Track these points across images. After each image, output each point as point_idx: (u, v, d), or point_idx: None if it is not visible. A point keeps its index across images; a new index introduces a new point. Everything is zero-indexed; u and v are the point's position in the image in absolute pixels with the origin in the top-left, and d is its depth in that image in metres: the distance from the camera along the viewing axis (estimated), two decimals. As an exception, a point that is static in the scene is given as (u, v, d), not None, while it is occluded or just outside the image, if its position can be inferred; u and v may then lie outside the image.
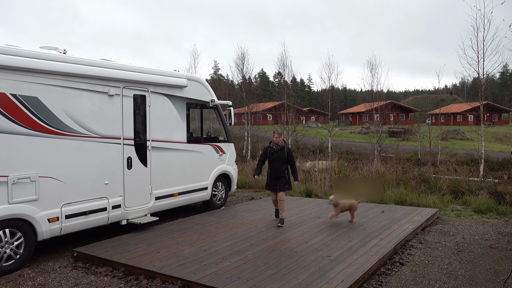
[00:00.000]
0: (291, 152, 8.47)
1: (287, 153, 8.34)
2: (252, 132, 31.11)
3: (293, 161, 8.47)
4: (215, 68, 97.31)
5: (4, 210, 5.91)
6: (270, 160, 8.40)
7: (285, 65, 30.47)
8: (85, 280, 5.72)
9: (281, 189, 8.30)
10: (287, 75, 31.96)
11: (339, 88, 43.78)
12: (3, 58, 5.89)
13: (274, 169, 8.34)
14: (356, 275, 5.43)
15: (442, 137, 28.34)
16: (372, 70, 27.16)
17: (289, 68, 32.25)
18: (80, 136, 6.98)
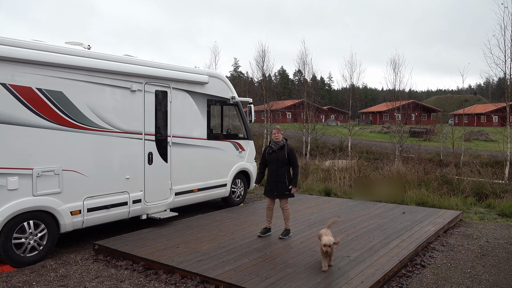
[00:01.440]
0: (293, 153, 7.14)
1: (287, 154, 7.05)
2: (271, 130, 31.04)
3: (295, 163, 7.12)
4: (235, 65, 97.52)
5: (29, 202, 6.04)
6: (268, 161, 7.19)
7: (305, 63, 30.30)
8: (106, 273, 5.80)
9: (279, 195, 7.10)
10: (307, 73, 31.78)
11: (359, 87, 43.23)
12: (30, 53, 6.01)
13: (272, 172, 7.12)
14: (376, 276, 5.35)
15: (465, 138, 27.74)
16: (395, 69, 26.77)
17: (309, 65, 32.00)
18: (102, 130, 7.07)
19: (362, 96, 79.00)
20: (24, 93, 6.01)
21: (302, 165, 18.17)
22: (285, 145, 7.14)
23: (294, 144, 32.04)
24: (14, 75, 5.90)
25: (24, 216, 6.02)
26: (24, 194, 6.00)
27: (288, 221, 7.29)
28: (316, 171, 16.49)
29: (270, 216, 7.38)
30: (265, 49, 32.23)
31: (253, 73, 52.40)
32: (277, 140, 7.14)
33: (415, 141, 28.85)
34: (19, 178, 5.94)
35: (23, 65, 5.99)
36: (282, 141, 7.16)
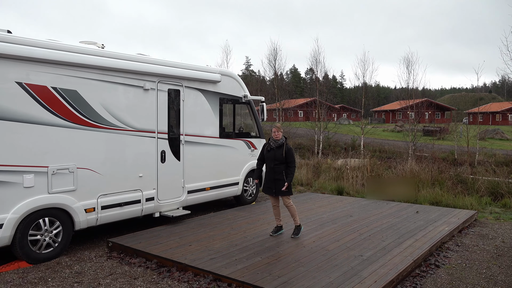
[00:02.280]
0: (291, 152, 7.10)
1: (285, 153, 7.03)
2: (283, 128, 31.01)
3: (292, 162, 7.07)
4: (247, 64, 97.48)
5: (44, 199, 6.12)
6: (266, 158, 7.24)
7: (318, 61, 30.18)
8: (120, 270, 5.86)
9: (278, 193, 7.11)
10: (319, 71, 31.65)
11: (372, 85, 42.83)
12: (46, 52, 6.08)
13: (269, 169, 7.17)
14: (390, 276, 5.31)
15: (480, 137, 27.35)
16: (409, 67, 26.50)
17: (322, 64, 31.90)
18: (116, 129, 7.13)
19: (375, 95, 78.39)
20: (39, 92, 6.09)
21: (314, 164, 18.11)
22: (283, 144, 7.11)
23: (306, 142, 31.98)
24: (30, 74, 5.98)
25: (39, 213, 6.11)
26: (40, 191, 6.09)
27: (295, 217, 7.23)
28: (328, 169, 16.42)
29: (278, 214, 7.39)
30: (276, 47, 32.17)
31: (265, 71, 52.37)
32: (276, 139, 7.14)
33: (428, 140, 28.52)
34: (34, 175, 6.02)
35: (39, 64, 6.06)
36: (281, 139, 7.14)
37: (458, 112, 65.54)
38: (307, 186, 14.30)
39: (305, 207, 9.70)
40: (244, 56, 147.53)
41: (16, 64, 5.82)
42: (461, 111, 64.87)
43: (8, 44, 5.69)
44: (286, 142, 7.18)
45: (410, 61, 26.67)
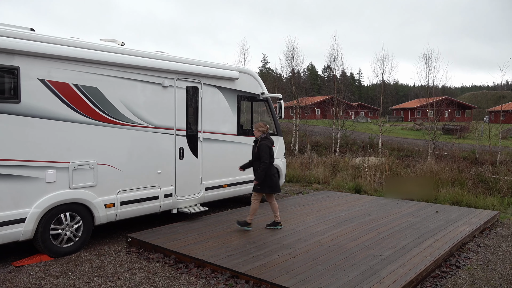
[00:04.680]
0: (263, 147, 7.18)
1: (257, 148, 7.25)
2: (300, 126, 30.88)
3: (264, 157, 7.15)
4: (264, 61, 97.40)
5: (66, 194, 6.23)
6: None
7: (336, 59, 29.93)
8: (138, 265, 5.92)
9: (253, 188, 7.40)
10: (337, 68, 31.40)
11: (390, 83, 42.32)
12: (67, 49, 6.18)
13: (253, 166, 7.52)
14: (409, 276, 5.24)
15: (502, 136, 26.74)
16: (429, 64, 26.06)
17: (340, 61, 31.65)
18: (136, 126, 7.21)
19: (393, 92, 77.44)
20: (61, 89, 6.19)
21: (331, 162, 17.98)
22: (258, 140, 7.32)
23: (323, 140, 31.79)
24: (52, 71, 6.09)
25: (61, 208, 6.23)
26: (61, 186, 6.20)
27: (251, 215, 7.36)
28: (345, 168, 16.29)
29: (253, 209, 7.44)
30: (294, 44, 31.99)
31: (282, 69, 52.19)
32: (256, 136, 7.39)
33: (448, 139, 28.04)
34: (56, 171, 6.14)
35: (61, 61, 6.16)
36: (260, 137, 7.32)
37: (479, 110, 64.24)
38: (324, 184, 14.22)
39: (322, 205, 9.64)
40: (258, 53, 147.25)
41: (39, 61, 5.93)
42: (482, 109, 63.55)
43: (32, 42, 5.80)
44: (261, 140, 7.30)
45: (430, 58, 26.18)
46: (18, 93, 5.72)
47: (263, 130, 7.36)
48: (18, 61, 5.71)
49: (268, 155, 7.21)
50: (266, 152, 7.20)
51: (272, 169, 7.40)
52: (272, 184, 7.34)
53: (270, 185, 7.32)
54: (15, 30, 5.74)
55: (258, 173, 7.21)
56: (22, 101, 5.75)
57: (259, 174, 7.19)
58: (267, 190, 7.34)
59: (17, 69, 5.70)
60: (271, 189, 7.35)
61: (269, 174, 7.30)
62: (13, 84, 5.69)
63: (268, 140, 7.32)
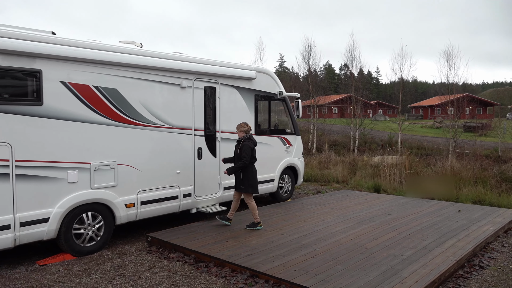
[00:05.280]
0: (245, 147, 7.26)
1: (240, 148, 7.34)
2: (317, 125, 30.73)
3: (244, 157, 7.22)
4: (280, 61, 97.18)
5: (87, 195, 6.34)
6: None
7: (353, 57, 29.68)
8: (159, 264, 5.98)
9: (236, 188, 7.49)
10: (354, 67, 31.12)
11: (409, 80, 41.69)
12: (88, 52, 6.27)
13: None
14: (432, 276, 5.15)
15: (526, 133, 26.08)
16: (449, 61, 25.60)
17: (357, 59, 31.35)
18: (155, 126, 7.28)
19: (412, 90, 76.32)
20: (82, 91, 6.29)
21: (349, 161, 17.83)
22: (241, 141, 7.38)
23: (341, 139, 31.56)
24: (73, 73, 6.19)
25: (83, 208, 6.33)
26: (83, 187, 6.31)
27: (253, 214, 7.46)
28: (364, 167, 16.13)
29: (233, 207, 7.66)
30: (311, 43, 31.87)
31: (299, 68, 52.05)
32: (239, 136, 7.48)
33: (470, 136, 27.51)
34: (78, 171, 6.24)
35: (81, 64, 6.27)
36: (242, 137, 7.39)
37: (502, 107, 62.77)
38: (343, 184, 14.12)
39: (341, 205, 9.57)
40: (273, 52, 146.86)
41: (60, 64, 6.04)
42: (505, 106, 62.09)
43: (53, 45, 5.91)
44: (244, 140, 7.35)
45: (450, 54, 25.72)
46: (41, 95, 5.84)
47: (245, 130, 7.43)
48: (40, 64, 5.83)
49: (249, 155, 7.29)
50: (247, 152, 7.27)
51: (255, 169, 7.50)
52: (255, 184, 7.46)
53: (253, 185, 7.41)
54: (37, 34, 5.86)
55: (232, 168, 7.34)
56: (44, 103, 5.87)
57: (232, 168, 7.33)
58: (250, 190, 7.40)
59: (39, 72, 5.82)
60: (253, 189, 7.43)
61: (252, 175, 7.40)
62: (36, 87, 5.81)
63: (251, 141, 7.41)
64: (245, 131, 7.42)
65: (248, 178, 7.35)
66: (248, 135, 7.44)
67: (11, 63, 5.55)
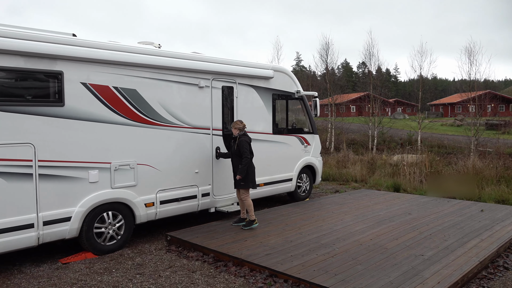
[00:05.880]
0: (242, 143, 7.31)
1: (237, 145, 7.37)
2: (335, 124, 30.50)
3: (244, 153, 7.27)
4: (297, 59, 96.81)
5: (108, 194, 6.43)
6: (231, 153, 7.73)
7: (372, 54, 29.35)
8: (178, 263, 6.03)
9: (236, 185, 7.50)
10: (372, 64, 30.77)
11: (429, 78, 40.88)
12: (108, 53, 6.36)
13: (232, 164, 7.67)
14: (454, 277, 5.06)
15: (551, 130, 25.37)
16: (471, 57, 25.09)
17: (376, 57, 31.00)
18: (173, 126, 7.33)
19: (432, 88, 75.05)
20: (102, 92, 6.38)
21: (368, 160, 17.64)
22: (237, 138, 7.41)
23: (359, 138, 31.27)
24: (93, 75, 6.28)
25: (103, 207, 6.43)
26: (104, 186, 6.40)
27: (248, 212, 7.44)
28: (383, 165, 15.93)
29: (241, 207, 7.66)
30: (328, 41, 31.61)
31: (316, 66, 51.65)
32: (234, 135, 7.49)
33: (492, 134, 26.88)
34: (99, 171, 6.34)
35: (102, 65, 6.36)
36: (237, 134, 7.41)
37: (525, 104, 61.09)
38: (361, 183, 13.98)
39: (360, 204, 9.48)
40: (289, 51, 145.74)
41: (81, 65, 6.13)
42: (529, 103, 60.44)
43: (74, 47, 6.01)
44: (240, 136, 7.39)
45: (471, 51, 25.20)
46: (62, 96, 5.94)
47: (240, 128, 7.46)
48: (61, 65, 5.93)
49: (248, 150, 7.34)
50: (246, 147, 7.31)
51: (253, 165, 7.49)
52: (254, 179, 7.49)
53: (253, 180, 7.45)
54: (58, 36, 5.96)
55: (241, 168, 7.30)
56: (66, 104, 5.97)
57: (242, 169, 7.29)
58: (251, 185, 7.43)
59: (60, 74, 5.92)
60: (253, 184, 7.46)
61: (252, 170, 7.44)
62: (57, 88, 5.92)
63: (246, 137, 7.47)
64: (240, 129, 7.47)
65: (248, 173, 7.37)
66: (243, 132, 7.48)
67: (33, 65, 5.66)
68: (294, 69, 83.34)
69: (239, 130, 7.45)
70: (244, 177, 7.35)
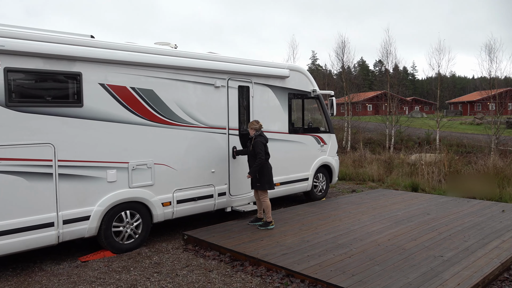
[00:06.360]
0: (257, 144, 7.27)
1: (252, 146, 7.36)
2: (352, 123, 30.26)
3: (259, 153, 7.21)
4: (313, 58, 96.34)
5: (126, 193, 6.50)
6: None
7: (389, 52, 29.03)
8: (195, 262, 6.06)
9: (252, 186, 7.52)
10: (390, 63, 30.43)
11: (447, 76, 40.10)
12: (125, 54, 6.43)
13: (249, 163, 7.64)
14: (475, 279, 4.96)
15: None
16: (491, 54, 24.59)
17: (393, 55, 30.64)
18: (190, 126, 7.37)
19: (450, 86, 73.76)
20: (120, 92, 6.45)
21: (385, 159, 17.46)
22: (253, 138, 7.40)
23: (376, 137, 30.95)
24: (111, 75, 6.36)
25: (121, 206, 6.50)
26: (121, 186, 6.47)
27: (266, 213, 7.41)
28: (401, 165, 15.74)
29: (259, 207, 7.66)
30: (344, 40, 31.42)
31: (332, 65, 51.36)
32: (250, 135, 7.50)
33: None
34: (117, 171, 6.41)
35: (119, 66, 6.43)
36: (254, 135, 7.40)
37: (548, 101, 59.73)
38: (378, 182, 13.83)
39: (378, 204, 9.38)
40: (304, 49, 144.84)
41: (99, 66, 6.22)
42: (551, 101, 59.06)
43: (92, 48, 6.09)
44: (256, 137, 7.37)
45: (492, 48, 24.70)
46: (81, 97, 6.03)
47: (256, 128, 7.43)
48: (80, 67, 6.02)
49: (263, 151, 7.28)
50: (261, 148, 7.26)
51: (270, 166, 7.48)
52: (271, 180, 7.46)
53: (270, 181, 7.41)
54: (77, 38, 6.05)
55: (252, 168, 7.30)
56: (84, 105, 6.06)
57: (253, 169, 7.29)
58: (267, 186, 7.38)
59: (79, 75, 6.01)
60: (270, 185, 7.42)
61: (268, 171, 7.40)
62: (76, 89, 6.01)
63: (262, 137, 7.42)
64: (256, 129, 7.45)
65: (264, 174, 7.35)
66: (259, 132, 7.45)
67: (52, 67, 5.76)
68: (310, 68, 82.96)
69: (255, 130, 7.45)
70: (259, 178, 7.35)
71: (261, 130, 7.52)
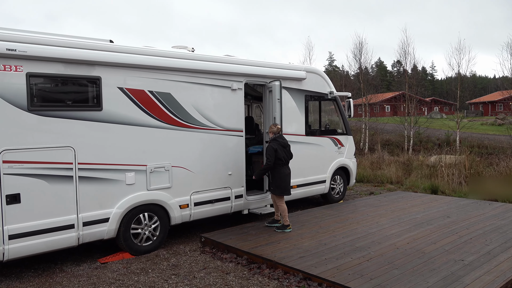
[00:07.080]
0: (268, 149, 7.34)
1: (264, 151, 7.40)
2: (369, 124, 29.97)
3: (267, 158, 7.27)
4: (330, 59, 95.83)
5: (144, 196, 6.58)
6: None
7: (407, 53, 28.68)
8: (212, 265, 6.08)
9: (268, 189, 7.54)
10: (408, 63, 30.05)
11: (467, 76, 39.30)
12: (143, 58, 6.51)
13: None
14: (497, 283, 4.85)
15: None
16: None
17: (411, 55, 30.26)
18: (207, 129, 7.42)
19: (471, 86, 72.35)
20: (138, 96, 6.54)
21: (404, 161, 17.24)
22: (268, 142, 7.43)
23: (394, 138, 30.60)
24: (129, 79, 6.45)
25: (140, 209, 6.58)
26: (140, 188, 6.55)
27: (283, 217, 7.38)
28: (420, 167, 15.51)
29: (276, 209, 7.69)
30: (362, 40, 31.16)
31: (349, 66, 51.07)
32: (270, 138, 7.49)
33: (537, 134, 25.63)
34: (135, 174, 6.49)
35: (137, 70, 6.51)
36: (271, 138, 7.41)
37: None
38: (397, 184, 13.66)
39: (396, 207, 9.26)
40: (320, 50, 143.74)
41: (118, 70, 6.31)
42: None
43: (111, 53, 6.19)
44: (270, 141, 7.39)
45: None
46: (100, 101, 6.13)
47: (274, 131, 7.42)
48: (99, 71, 6.12)
49: (272, 156, 7.21)
50: (270, 153, 7.23)
51: (284, 171, 7.37)
52: (283, 186, 7.34)
53: (280, 186, 7.33)
54: (96, 43, 6.16)
55: (258, 171, 7.45)
56: (104, 108, 6.16)
57: (258, 172, 7.43)
58: (278, 192, 7.35)
59: (98, 79, 6.11)
60: (281, 190, 7.34)
61: (280, 176, 7.32)
62: (96, 93, 6.12)
63: (274, 142, 7.32)
64: (274, 132, 7.43)
65: (275, 179, 7.35)
66: (277, 135, 7.42)
67: (72, 72, 5.87)
68: (327, 69, 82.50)
69: (273, 134, 7.44)
70: (272, 183, 7.39)
71: (279, 133, 7.50)
